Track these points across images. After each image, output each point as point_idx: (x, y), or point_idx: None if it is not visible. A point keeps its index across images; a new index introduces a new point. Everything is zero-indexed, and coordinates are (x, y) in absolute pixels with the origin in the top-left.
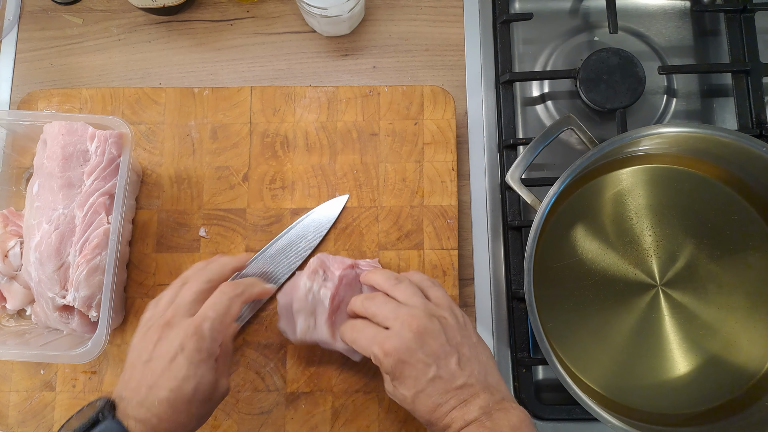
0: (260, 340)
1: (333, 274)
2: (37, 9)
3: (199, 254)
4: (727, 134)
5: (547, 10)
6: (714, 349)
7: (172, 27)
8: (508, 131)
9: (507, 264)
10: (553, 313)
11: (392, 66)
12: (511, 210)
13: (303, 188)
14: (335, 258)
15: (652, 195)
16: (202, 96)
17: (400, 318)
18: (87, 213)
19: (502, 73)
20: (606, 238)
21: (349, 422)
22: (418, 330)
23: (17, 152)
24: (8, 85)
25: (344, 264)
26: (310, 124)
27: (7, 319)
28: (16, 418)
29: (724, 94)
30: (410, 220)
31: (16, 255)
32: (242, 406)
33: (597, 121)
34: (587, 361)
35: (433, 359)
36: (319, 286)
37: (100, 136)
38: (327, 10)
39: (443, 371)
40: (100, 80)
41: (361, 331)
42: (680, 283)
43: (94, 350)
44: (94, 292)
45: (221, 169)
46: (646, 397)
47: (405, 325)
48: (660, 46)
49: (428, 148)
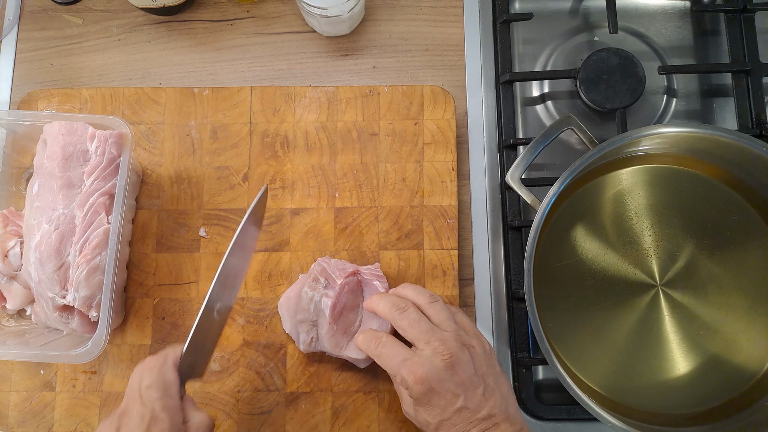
0: (260, 340)
1: (334, 282)
2: (37, 9)
3: (199, 254)
4: (727, 134)
5: (547, 10)
6: (714, 349)
7: (172, 27)
8: (508, 131)
9: (507, 264)
10: (553, 313)
11: (392, 66)
12: (511, 210)
13: (303, 188)
14: (336, 263)
15: (652, 195)
16: (202, 96)
17: (432, 344)
18: (87, 213)
19: (502, 73)
20: (606, 238)
21: (349, 422)
22: (451, 360)
23: (17, 152)
24: (8, 85)
25: (346, 271)
26: (310, 124)
27: (7, 319)
28: (16, 418)
29: (724, 94)
30: (410, 220)
31: (16, 255)
32: (242, 406)
33: (597, 121)
34: (587, 361)
35: (461, 390)
36: (320, 295)
37: (100, 136)
38: (327, 10)
39: (470, 402)
40: (100, 80)
41: (390, 348)
42: (680, 283)
43: (94, 350)
44: (94, 292)
45: (221, 169)
46: (646, 397)
47: (438, 353)
48: (660, 46)
49: (428, 148)
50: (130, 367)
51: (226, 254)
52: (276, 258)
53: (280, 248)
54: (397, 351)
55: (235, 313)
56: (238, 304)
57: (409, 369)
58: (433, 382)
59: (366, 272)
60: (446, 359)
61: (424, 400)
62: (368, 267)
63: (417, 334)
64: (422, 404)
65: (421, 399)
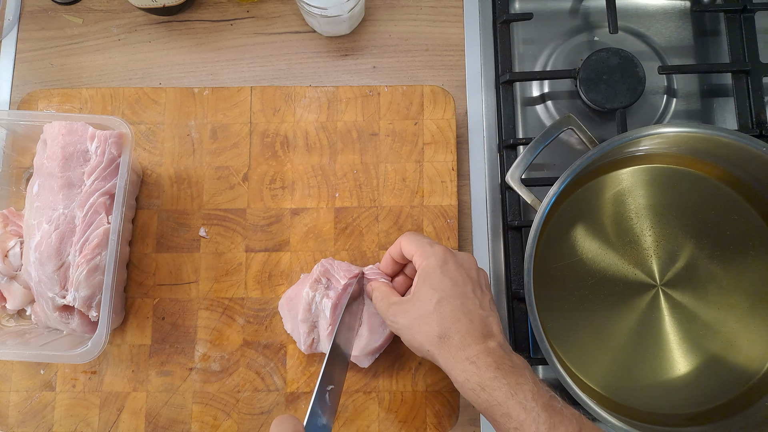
0: (260, 340)
1: (337, 282)
2: (37, 9)
3: (199, 254)
4: (727, 134)
5: (547, 10)
6: (714, 349)
7: (172, 27)
8: (508, 131)
9: (507, 264)
10: (553, 313)
11: (392, 66)
12: (511, 210)
13: (303, 188)
14: (340, 264)
15: (652, 195)
16: (202, 96)
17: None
18: (87, 213)
19: (502, 73)
20: (606, 238)
21: (349, 422)
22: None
23: (17, 152)
24: (8, 85)
25: (351, 272)
26: (310, 124)
27: (7, 319)
28: (16, 418)
29: (724, 94)
30: (410, 220)
31: (16, 255)
32: (242, 406)
33: (597, 121)
34: (587, 361)
35: (462, 273)
36: (321, 296)
37: (100, 136)
38: (327, 10)
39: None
40: (100, 80)
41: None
42: (680, 283)
43: (94, 350)
44: (94, 292)
45: (221, 169)
46: (646, 397)
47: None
48: (660, 46)
49: (428, 148)
50: (129, 366)
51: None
52: (276, 258)
53: (280, 248)
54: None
55: (235, 313)
56: (237, 304)
57: (421, 255)
58: (446, 257)
59: (370, 273)
60: (447, 251)
61: (434, 276)
62: (371, 268)
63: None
64: (430, 280)
65: (433, 272)
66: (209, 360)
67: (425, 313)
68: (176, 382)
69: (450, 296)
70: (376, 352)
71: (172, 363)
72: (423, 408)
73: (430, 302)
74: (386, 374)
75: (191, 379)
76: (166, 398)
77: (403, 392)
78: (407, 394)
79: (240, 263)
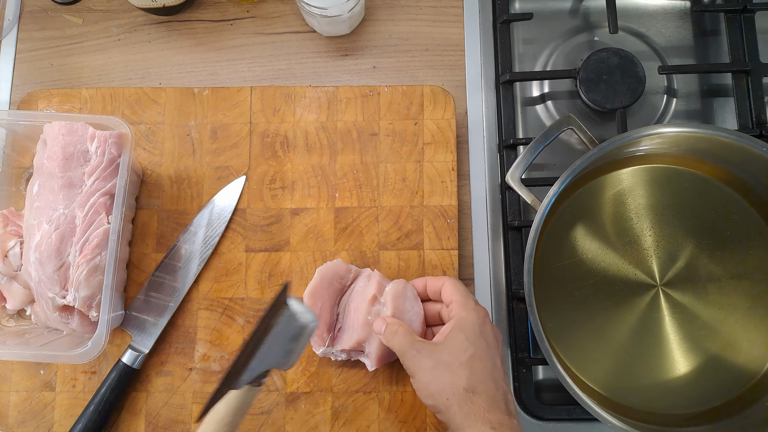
0: None
1: (403, 307)
2: (37, 9)
3: None
4: (727, 134)
5: (547, 10)
6: (714, 349)
7: (172, 27)
8: (508, 131)
9: (507, 264)
10: (553, 313)
11: (392, 66)
12: (511, 210)
13: (303, 188)
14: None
15: (652, 195)
16: (202, 96)
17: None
18: (87, 213)
19: (502, 73)
20: (606, 238)
21: (349, 422)
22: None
23: (17, 152)
24: (8, 85)
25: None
26: (310, 124)
27: (7, 319)
28: (16, 418)
29: (724, 94)
30: (410, 220)
31: (16, 255)
32: None
33: (597, 121)
34: (587, 361)
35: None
36: (376, 312)
37: (100, 136)
38: (327, 10)
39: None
40: (100, 80)
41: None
42: (680, 283)
43: (94, 350)
44: (94, 292)
45: (221, 169)
46: (646, 397)
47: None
48: (660, 46)
49: (428, 148)
50: None
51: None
52: (276, 258)
53: (280, 248)
54: None
55: (235, 314)
56: (237, 304)
57: (463, 306)
58: (486, 320)
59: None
60: (487, 314)
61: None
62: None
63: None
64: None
65: (472, 327)
66: (209, 360)
67: (456, 362)
68: (176, 382)
69: (483, 356)
70: (386, 359)
71: (172, 363)
72: (423, 408)
73: (464, 353)
74: (386, 374)
75: (191, 379)
76: (166, 398)
77: (403, 392)
78: (407, 394)
79: (240, 263)
